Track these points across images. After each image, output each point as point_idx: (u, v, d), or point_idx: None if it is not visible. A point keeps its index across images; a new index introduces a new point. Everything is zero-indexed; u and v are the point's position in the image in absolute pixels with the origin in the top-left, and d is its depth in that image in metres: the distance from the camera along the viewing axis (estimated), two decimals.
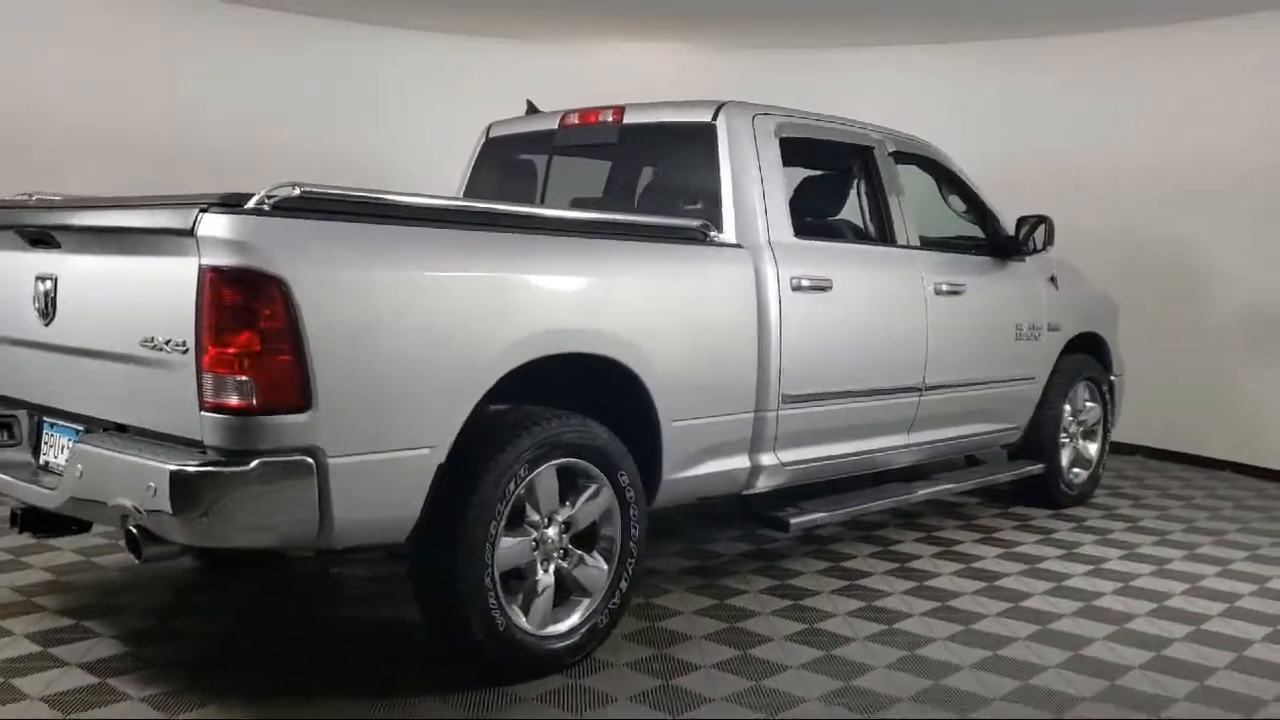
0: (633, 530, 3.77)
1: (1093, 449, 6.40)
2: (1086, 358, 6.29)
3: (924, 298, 4.98)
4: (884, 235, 5.02)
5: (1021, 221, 5.57)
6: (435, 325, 3.16)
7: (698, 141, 4.42)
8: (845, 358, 4.59)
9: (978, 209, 5.67)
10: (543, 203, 5.02)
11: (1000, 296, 5.55)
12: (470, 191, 5.25)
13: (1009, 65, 8.34)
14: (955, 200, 5.68)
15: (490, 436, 3.37)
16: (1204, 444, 7.73)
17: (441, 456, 3.21)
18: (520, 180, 5.15)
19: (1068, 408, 6.19)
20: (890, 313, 4.83)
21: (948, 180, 5.60)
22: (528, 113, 5.25)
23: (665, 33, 8.69)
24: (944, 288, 5.10)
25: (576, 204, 4.99)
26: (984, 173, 8.34)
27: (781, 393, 4.32)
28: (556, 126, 4.95)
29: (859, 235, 5.13)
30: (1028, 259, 5.81)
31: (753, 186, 4.35)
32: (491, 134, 5.27)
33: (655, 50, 8.98)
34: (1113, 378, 6.55)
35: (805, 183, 5.22)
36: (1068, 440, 6.22)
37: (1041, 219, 5.53)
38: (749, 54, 8.90)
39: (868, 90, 8.59)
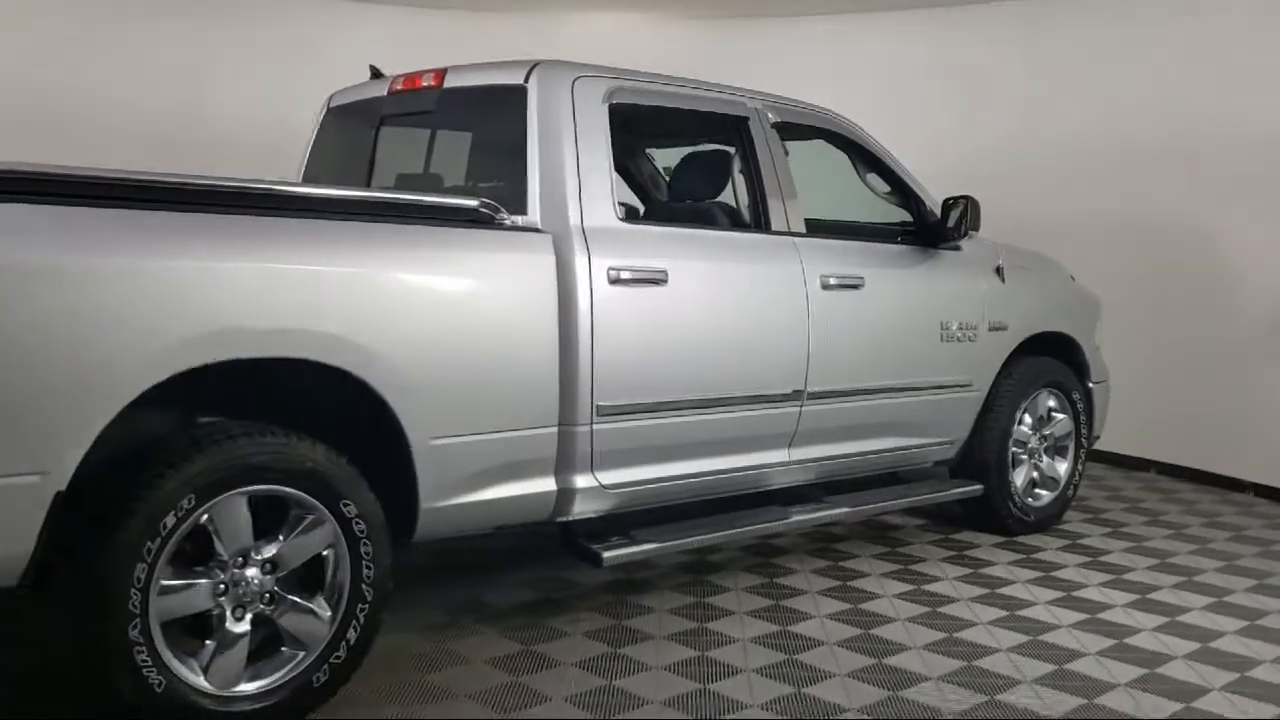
0: (366, 570, 3.17)
1: (1062, 468, 5.54)
2: (1051, 361, 5.43)
3: (804, 292, 4.24)
4: (758, 220, 4.29)
5: (947, 204, 4.77)
6: (35, 324, 2.59)
7: (508, 107, 3.77)
8: (686, 362, 3.89)
9: (902, 191, 4.88)
10: (370, 180, 4.43)
11: (919, 290, 4.76)
12: (311, 169, 4.68)
13: (1015, 29, 7.44)
14: (876, 181, 4.90)
15: (136, 460, 2.80)
16: (1223, 461, 6.74)
17: (61, 483, 2.65)
18: (360, 154, 4.56)
19: (1028, 419, 5.36)
20: (753, 310, 4.10)
21: (862, 158, 4.82)
22: (372, 78, 4.66)
23: (639, 1, 8.02)
24: (833, 281, 4.34)
25: (402, 181, 4.39)
26: (982, 153, 7.56)
27: (596, 404, 3.66)
28: (385, 94, 4.36)
29: (736, 221, 4.41)
30: (966, 247, 5.01)
31: (565, 161, 3.68)
32: (332, 104, 4.69)
33: (628, 21, 8.31)
34: (1090, 384, 5.67)
35: (683, 161, 4.55)
36: (1025, 457, 5.39)
37: (965, 200, 4.72)
38: (731, 25, 8.17)
39: (858, 62, 7.82)
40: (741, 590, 4.40)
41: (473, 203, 3.48)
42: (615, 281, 3.67)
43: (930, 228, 4.83)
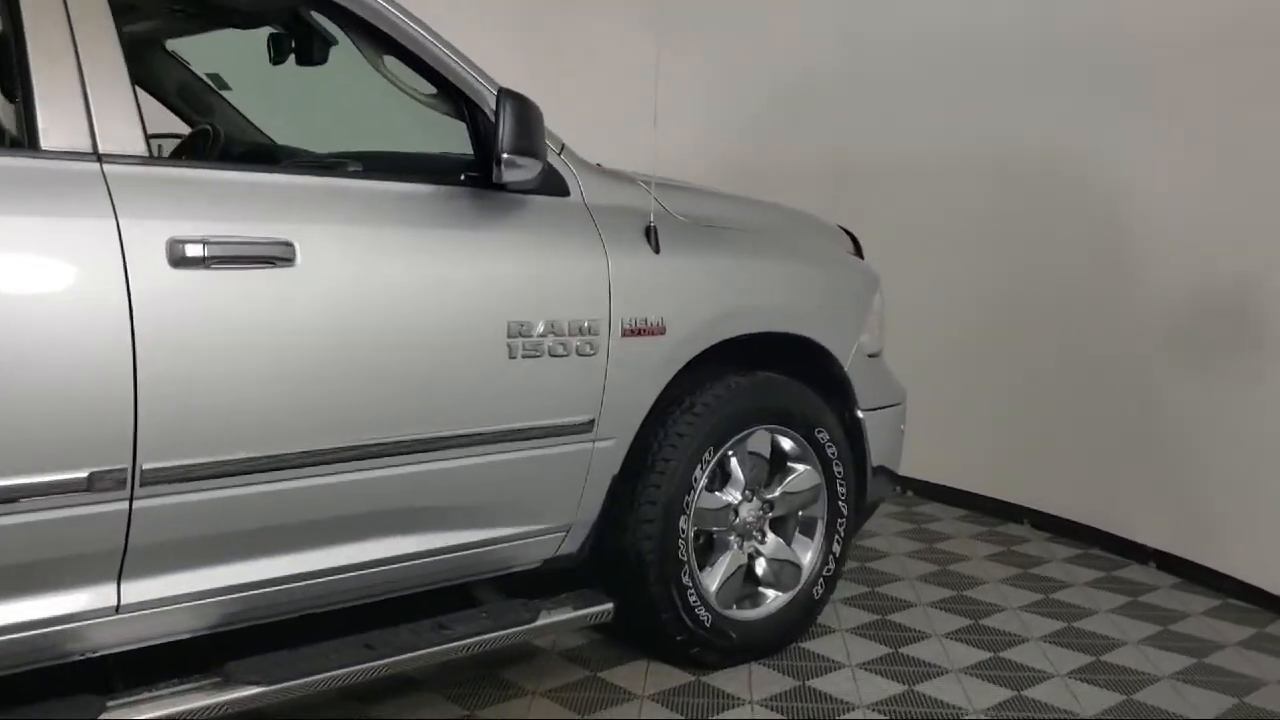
0: None
1: (808, 555, 3.42)
2: (775, 381, 3.30)
3: (119, 271, 2.13)
4: (25, 132, 2.19)
5: (497, 110, 2.62)
6: None
7: None
8: None
9: (447, 92, 2.76)
10: None
11: (450, 266, 2.62)
12: None
13: None
14: (407, 75, 2.78)
15: None
16: (1118, 515, 4.58)
17: None
18: None
19: (737, 474, 3.25)
20: None
21: (362, 32, 2.68)
22: None
23: None
24: (197, 250, 2.23)
25: None
26: (797, 64, 5.49)
27: None
28: None
29: None
30: (582, 189, 2.90)
31: None
32: None
33: None
34: (859, 413, 3.54)
35: None
36: (733, 538, 3.27)
37: (510, 99, 2.58)
38: None
39: None
40: None
41: None
42: None
43: (489, 154, 2.70)
